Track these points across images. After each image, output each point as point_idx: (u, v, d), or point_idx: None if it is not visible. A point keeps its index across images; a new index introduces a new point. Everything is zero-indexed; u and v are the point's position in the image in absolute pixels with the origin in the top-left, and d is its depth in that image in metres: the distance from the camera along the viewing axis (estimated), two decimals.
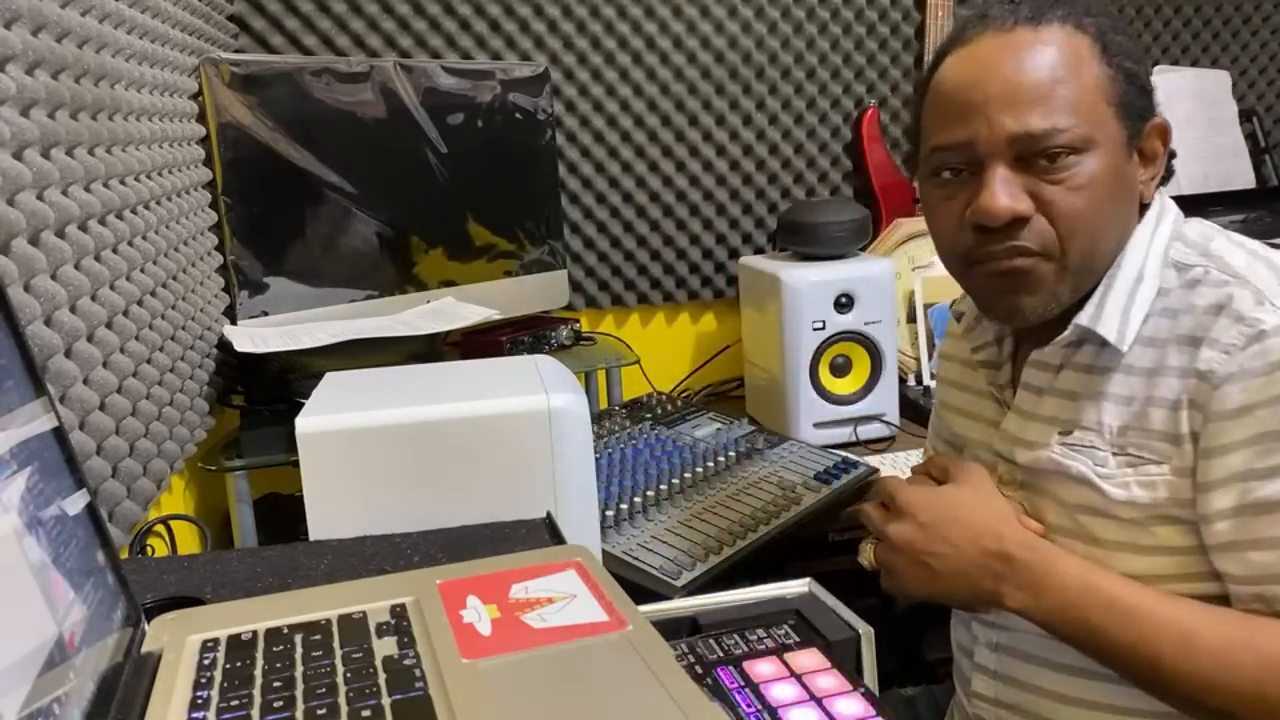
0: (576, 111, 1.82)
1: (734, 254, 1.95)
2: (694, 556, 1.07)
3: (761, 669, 0.71)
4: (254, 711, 0.47)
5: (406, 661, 0.51)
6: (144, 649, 0.55)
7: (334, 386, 0.91)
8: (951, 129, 0.81)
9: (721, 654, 0.73)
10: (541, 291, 1.75)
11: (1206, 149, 1.99)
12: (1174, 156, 0.86)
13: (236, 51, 1.62)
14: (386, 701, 0.47)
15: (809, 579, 0.84)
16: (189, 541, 1.10)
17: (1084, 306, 0.82)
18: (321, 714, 0.46)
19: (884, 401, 1.58)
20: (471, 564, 0.63)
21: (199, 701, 0.48)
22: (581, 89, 1.82)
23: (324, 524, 0.80)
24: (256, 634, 0.55)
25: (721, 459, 1.32)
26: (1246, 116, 2.15)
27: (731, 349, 1.94)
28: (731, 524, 1.15)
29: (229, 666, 0.52)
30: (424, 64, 1.55)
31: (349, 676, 0.50)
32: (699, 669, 0.71)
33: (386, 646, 0.53)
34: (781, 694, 0.67)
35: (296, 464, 0.80)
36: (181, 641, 0.55)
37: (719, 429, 1.46)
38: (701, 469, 1.29)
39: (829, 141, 1.98)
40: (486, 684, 0.48)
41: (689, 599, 0.82)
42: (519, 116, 1.67)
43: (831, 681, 0.69)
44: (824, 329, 1.53)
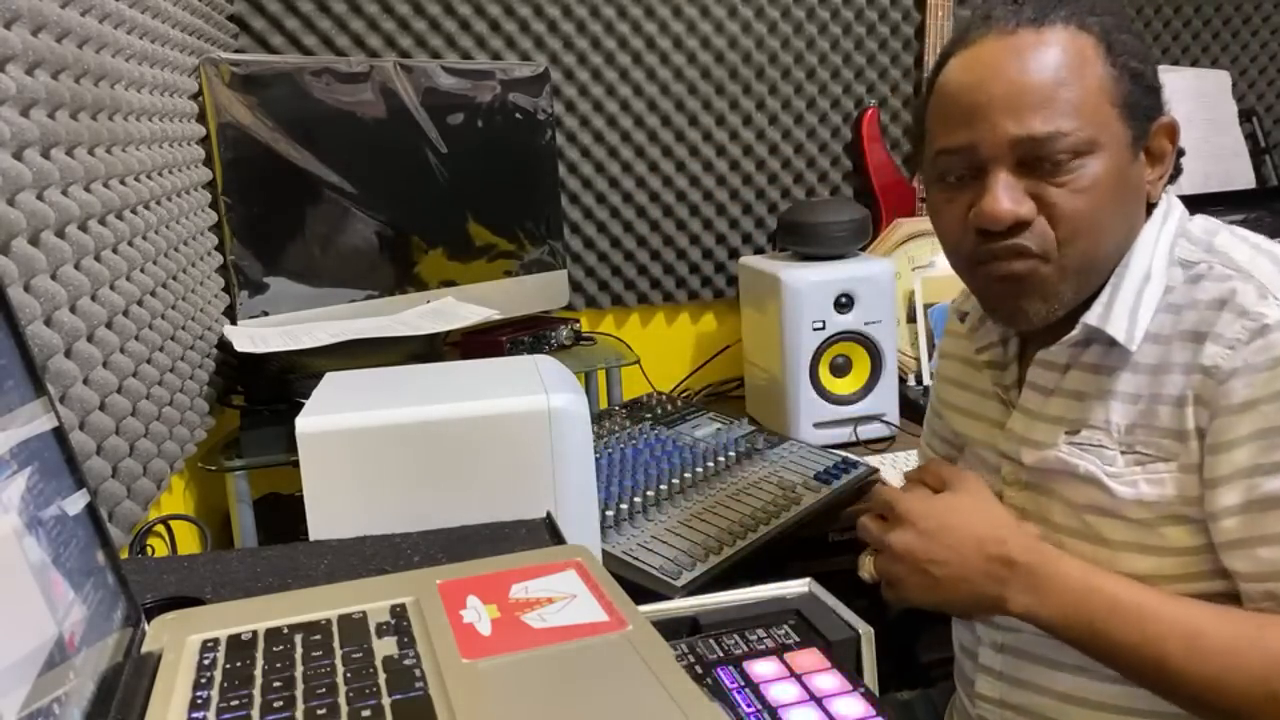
0: (576, 111, 1.82)
1: (734, 254, 1.95)
2: (694, 556, 1.07)
3: (761, 669, 0.71)
4: (254, 711, 0.47)
5: (406, 661, 0.51)
6: (144, 649, 0.55)
7: (334, 386, 0.91)
8: (955, 132, 0.81)
9: (721, 654, 0.73)
10: (541, 291, 1.75)
11: (1206, 149, 1.99)
12: (1182, 155, 0.86)
13: (236, 51, 1.62)
14: (386, 701, 0.47)
15: (809, 579, 0.84)
16: (189, 541, 1.10)
17: (1091, 306, 0.82)
18: (321, 714, 0.46)
19: (884, 401, 1.58)
20: (471, 564, 0.63)
21: (199, 701, 0.48)
22: (581, 89, 1.82)
23: (324, 524, 0.80)
24: (256, 634, 0.55)
25: (721, 459, 1.32)
26: (1246, 116, 2.15)
27: (731, 349, 1.94)
28: (731, 524, 1.15)
29: (229, 666, 0.52)
30: (424, 64, 1.55)
31: (349, 676, 0.50)
32: (699, 669, 0.71)
33: (386, 646, 0.53)
34: (781, 694, 0.67)
35: (296, 464, 0.80)
36: (181, 641, 0.55)
37: (719, 429, 1.46)
38: (701, 469, 1.29)
39: (829, 141, 1.98)
40: (486, 684, 0.48)
41: (689, 599, 0.82)
42: (519, 116, 1.67)
43: (831, 681, 0.69)
44: (824, 329, 1.53)
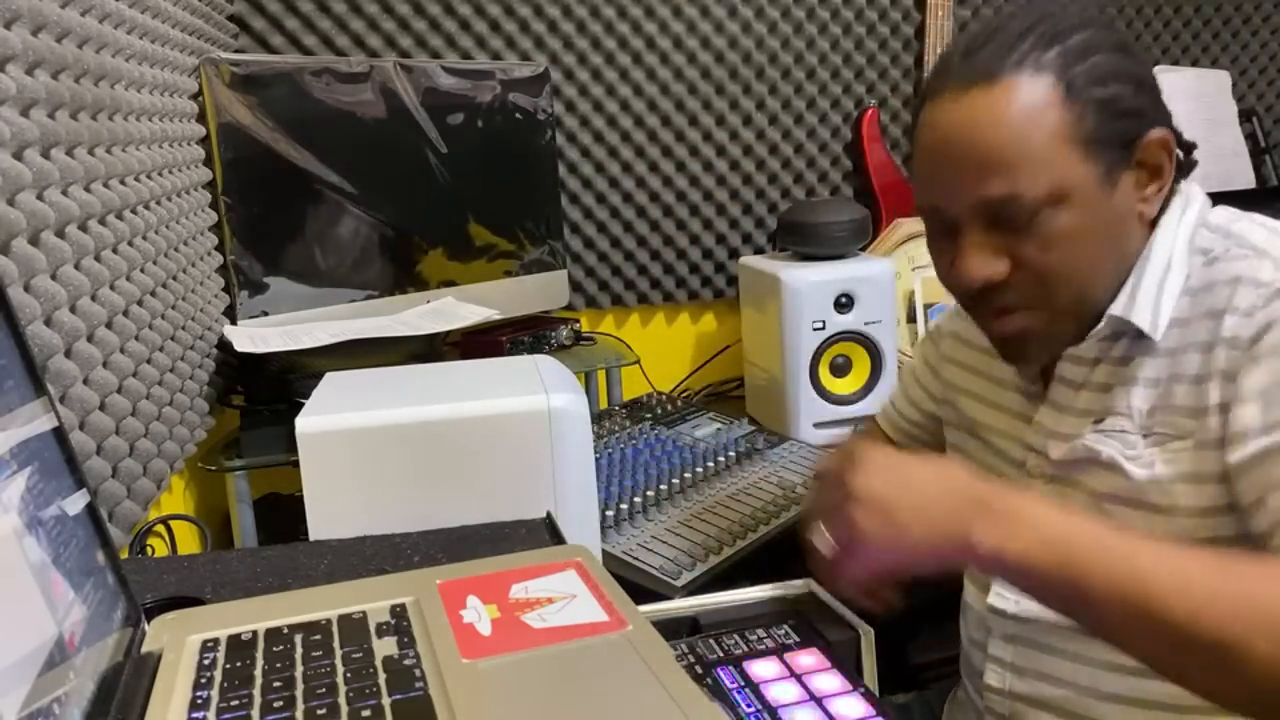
0: (576, 111, 1.82)
1: (734, 254, 1.95)
2: (694, 556, 1.07)
3: (761, 669, 0.71)
4: (254, 711, 0.47)
5: (406, 661, 0.51)
6: (144, 649, 0.55)
7: (334, 386, 0.91)
8: (923, 193, 0.83)
9: (721, 654, 0.73)
10: (541, 291, 1.75)
11: (1206, 149, 1.97)
12: (1194, 148, 0.84)
13: (236, 51, 1.62)
14: (386, 701, 0.47)
15: (809, 579, 0.84)
16: (189, 541, 1.10)
17: (1116, 297, 0.81)
18: (321, 714, 0.46)
19: (884, 401, 1.58)
20: (471, 564, 0.63)
21: (199, 701, 0.48)
22: (581, 89, 1.82)
23: (324, 524, 0.80)
24: (256, 634, 0.55)
25: (721, 459, 1.32)
26: (1246, 116, 2.15)
27: (731, 349, 1.94)
28: (731, 524, 1.14)
29: (229, 666, 0.52)
30: (424, 64, 1.55)
31: (349, 676, 0.50)
32: (699, 669, 0.71)
33: (386, 646, 0.53)
34: (781, 694, 0.68)
35: (296, 464, 0.80)
36: (181, 641, 0.55)
37: (719, 429, 1.46)
38: (701, 469, 1.29)
39: (829, 141, 1.98)
40: (486, 684, 0.48)
41: (689, 599, 0.82)
42: (519, 116, 1.67)
43: (831, 681, 0.69)
44: (824, 329, 1.53)
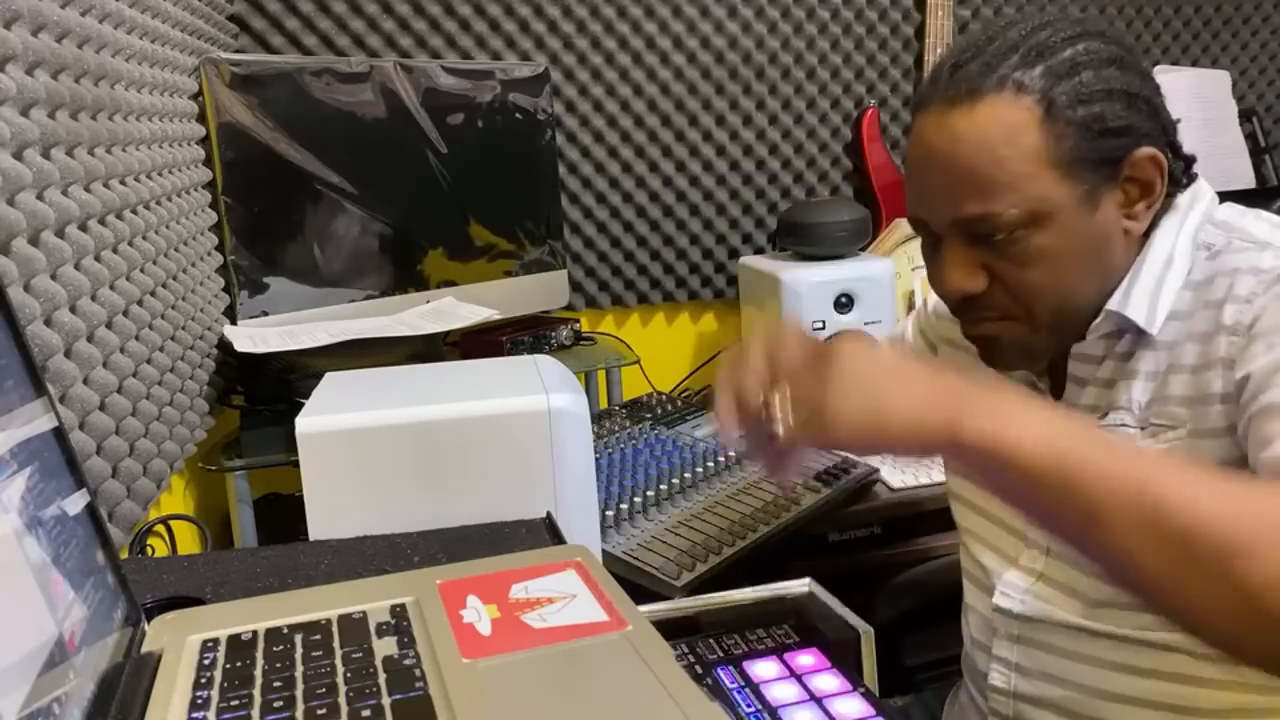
0: (576, 111, 1.82)
1: (734, 254, 1.95)
2: (694, 556, 1.07)
3: (761, 669, 0.71)
4: (254, 711, 0.47)
5: (406, 661, 0.51)
6: (144, 649, 0.55)
7: (334, 386, 0.91)
8: (910, 204, 0.86)
9: (721, 654, 0.73)
10: (541, 291, 1.75)
11: (1206, 149, 1.98)
12: (1193, 161, 0.84)
13: (236, 51, 1.62)
14: (386, 701, 0.47)
15: (809, 579, 0.84)
16: (189, 541, 1.10)
17: (1113, 294, 0.82)
18: (321, 714, 0.46)
19: None
20: (471, 564, 0.63)
21: (199, 701, 0.48)
22: (581, 89, 1.82)
23: (324, 524, 0.80)
24: (256, 634, 0.55)
25: (721, 459, 1.32)
26: (1246, 116, 2.15)
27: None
28: (731, 524, 1.14)
29: (229, 666, 0.52)
30: (424, 64, 1.55)
31: (349, 676, 0.50)
32: (699, 669, 0.71)
33: (386, 646, 0.53)
34: (781, 694, 0.68)
35: (296, 464, 0.80)
36: (181, 641, 0.55)
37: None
38: (701, 469, 1.29)
39: (829, 141, 1.98)
40: (486, 684, 0.48)
41: (689, 599, 0.82)
42: (519, 116, 1.67)
43: (831, 681, 0.69)
44: (824, 329, 1.53)
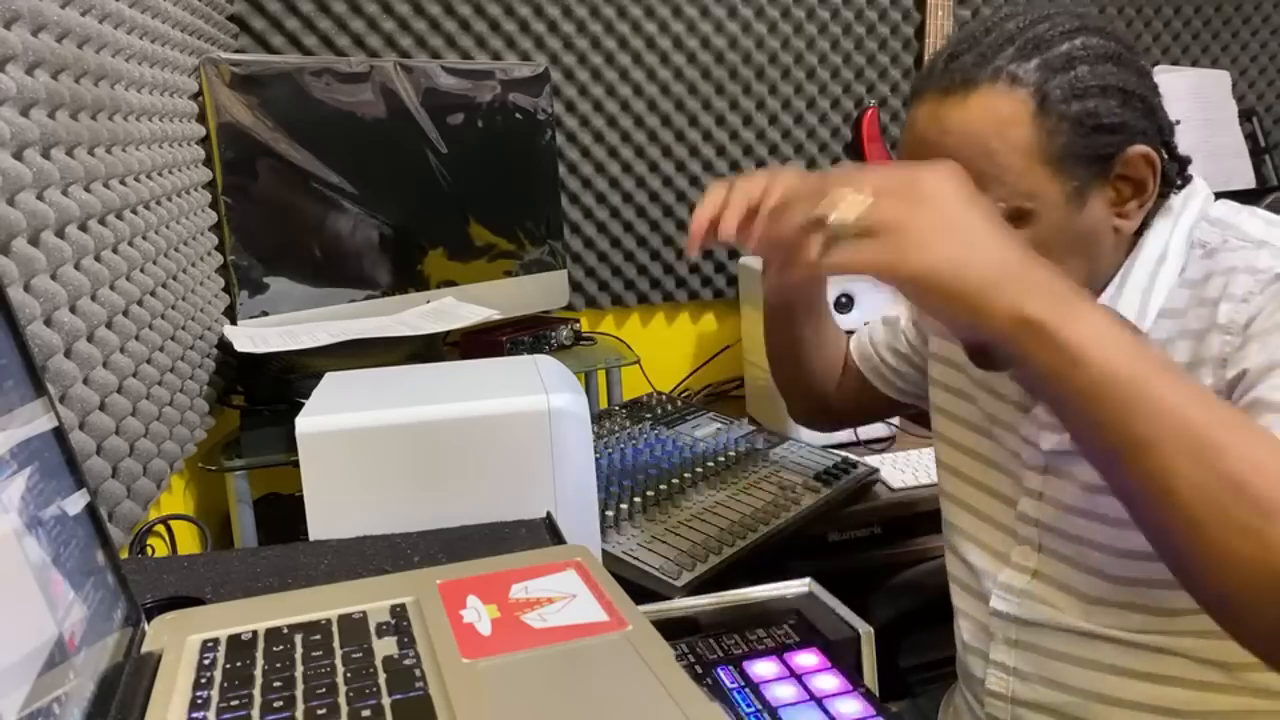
0: (576, 111, 1.82)
1: (734, 254, 1.95)
2: (694, 556, 1.07)
3: (761, 669, 0.71)
4: (254, 711, 0.47)
5: (406, 661, 0.51)
6: (144, 649, 0.55)
7: (334, 386, 0.91)
8: None
9: (721, 654, 0.73)
10: (541, 291, 1.75)
11: (1206, 149, 1.99)
12: (1188, 162, 0.84)
13: (236, 51, 1.62)
14: (386, 701, 0.47)
15: (809, 579, 0.84)
16: (189, 541, 1.10)
17: (1105, 289, 0.82)
18: (321, 714, 0.46)
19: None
20: (471, 564, 0.63)
21: (199, 701, 0.48)
22: (581, 89, 1.82)
23: (324, 524, 0.80)
24: (256, 634, 0.55)
25: (721, 459, 1.32)
26: (1246, 116, 2.14)
27: (731, 349, 1.94)
28: (731, 524, 1.15)
29: (229, 666, 0.52)
30: (424, 64, 1.55)
31: (349, 676, 0.50)
32: (699, 669, 0.71)
33: (386, 646, 0.53)
34: (781, 694, 0.68)
35: (296, 464, 0.80)
36: (181, 641, 0.55)
37: (719, 429, 1.46)
38: (701, 469, 1.29)
39: (829, 141, 1.98)
40: (486, 684, 0.48)
41: (689, 599, 0.82)
42: (519, 116, 1.67)
43: (831, 681, 0.69)
44: None
